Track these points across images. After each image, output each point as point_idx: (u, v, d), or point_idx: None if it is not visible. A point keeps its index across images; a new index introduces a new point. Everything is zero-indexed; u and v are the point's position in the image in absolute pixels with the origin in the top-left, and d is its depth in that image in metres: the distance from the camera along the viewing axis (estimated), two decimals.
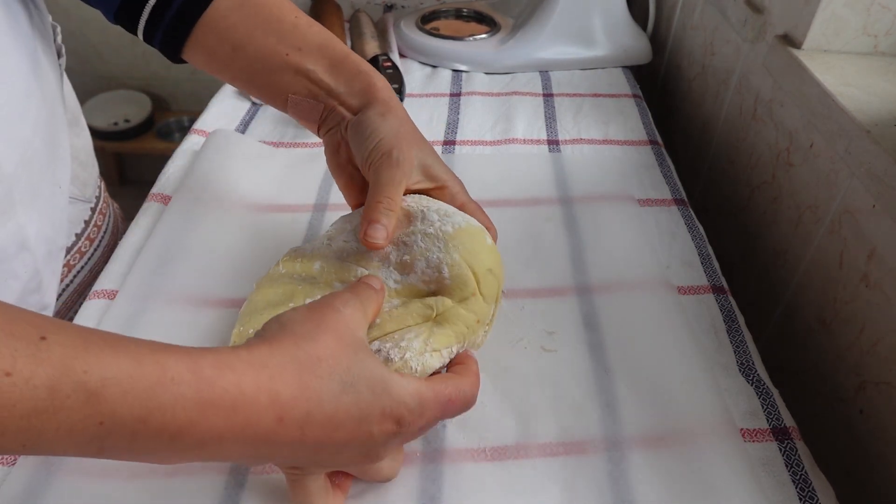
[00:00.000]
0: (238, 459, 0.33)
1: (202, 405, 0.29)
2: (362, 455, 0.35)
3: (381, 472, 0.40)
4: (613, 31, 0.92)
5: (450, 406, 0.37)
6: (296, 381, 0.32)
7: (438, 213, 0.46)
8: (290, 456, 0.33)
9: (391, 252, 0.45)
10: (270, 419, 0.31)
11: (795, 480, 0.42)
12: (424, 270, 0.43)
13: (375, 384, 0.34)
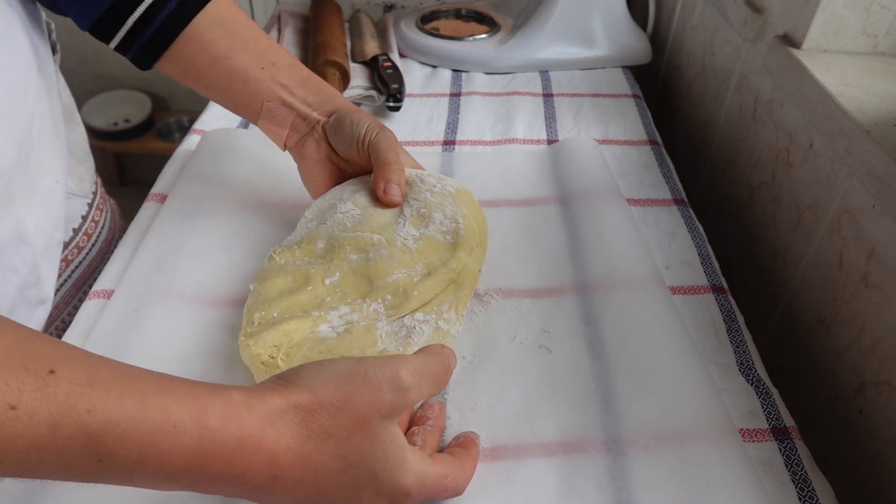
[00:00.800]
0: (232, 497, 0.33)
1: (201, 455, 0.29)
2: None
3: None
4: (613, 31, 0.92)
5: (442, 492, 0.37)
6: (299, 449, 0.32)
7: (433, 178, 0.53)
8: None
9: (405, 209, 0.50)
10: (266, 476, 0.31)
11: (795, 480, 0.42)
12: (443, 221, 0.49)
13: (381, 467, 0.33)
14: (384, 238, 0.49)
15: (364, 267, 0.48)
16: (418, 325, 0.46)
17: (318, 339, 0.44)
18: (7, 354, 0.26)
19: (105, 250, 0.68)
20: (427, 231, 0.49)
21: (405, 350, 0.45)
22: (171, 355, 0.48)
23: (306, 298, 0.46)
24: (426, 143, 0.74)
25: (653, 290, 0.54)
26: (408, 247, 0.49)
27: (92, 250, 0.66)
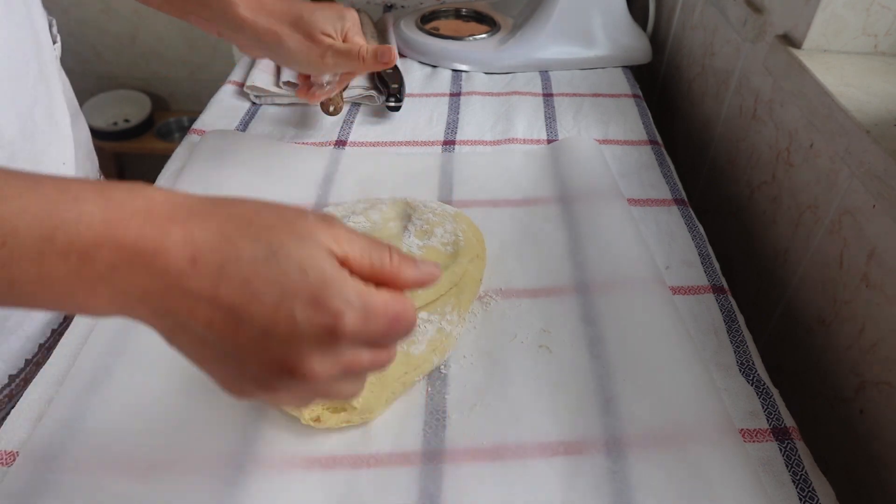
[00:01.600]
0: (152, 307, 0.29)
1: (110, 224, 0.27)
2: (286, 354, 0.29)
3: (334, 388, 0.33)
4: (613, 31, 0.92)
5: (396, 324, 0.31)
6: (217, 229, 0.29)
7: (434, 204, 0.57)
8: (203, 320, 0.29)
9: (409, 227, 0.53)
10: (183, 257, 0.28)
11: (795, 480, 0.42)
12: (443, 235, 0.53)
13: (309, 268, 0.29)
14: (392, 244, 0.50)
15: None
16: (422, 324, 0.46)
17: None
18: None
19: None
20: (430, 242, 0.52)
21: (408, 349, 0.45)
22: (172, 354, 0.47)
23: None
24: (426, 143, 0.74)
25: (653, 290, 0.54)
26: (413, 252, 0.51)
27: None
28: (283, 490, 0.40)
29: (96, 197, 0.28)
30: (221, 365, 0.31)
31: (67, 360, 0.48)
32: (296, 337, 0.29)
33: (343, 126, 0.77)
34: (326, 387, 0.31)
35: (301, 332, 0.29)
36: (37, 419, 0.44)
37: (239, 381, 0.31)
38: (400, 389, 0.45)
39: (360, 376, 0.33)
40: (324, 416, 0.43)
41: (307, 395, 0.32)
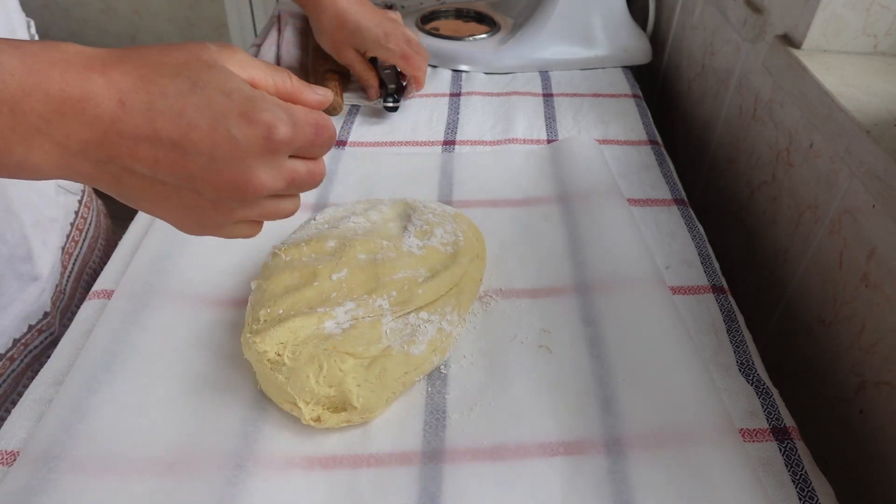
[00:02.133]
0: (93, 158, 0.30)
1: (31, 73, 0.28)
2: (235, 172, 0.31)
3: (280, 206, 0.35)
4: (613, 31, 0.92)
5: (321, 132, 0.34)
6: (135, 72, 0.30)
7: (434, 205, 0.57)
8: (148, 161, 0.30)
9: (409, 226, 0.53)
10: (111, 101, 0.29)
11: (795, 480, 0.42)
12: (443, 235, 0.53)
13: (231, 90, 0.31)
14: (392, 244, 0.51)
15: (372, 265, 0.49)
16: (423, 324, 0.46)
17: (324, 336, 0.44)
18: None
19: (93, 247, 0.68)
20: (430, 242, 0.52)
21: (409, 349, 0.45)
22: (172, 355, 0.48)
23: (312, 294, 0.46)
24: (426, 143, 0.74)
25: (653, 290, 0.54)
26: (413, 253, 0.51)
27: (83, 246, 0.66)
28: (283, 490, 0.40)
29: (13, 50, 0.28)
30: (176, 202, 0.32)
31: (67, 360, 0.48)
32: (239, 153, 0.31)
33: (343, 126, 0.77)
34: (274, 205, 0.35)
35: (243, 148, 0.31)
36: (37, 419, 0.44)
37: (196, 214, 0.33)
38: (400, 389, 0.45)
39: (300, 189, 0.35)
40: (324, 415, 0.43)
41: (258, 212, 0.34)
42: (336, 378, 0.42)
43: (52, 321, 0.59)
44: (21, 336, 0.56)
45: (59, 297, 0.61)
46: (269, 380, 0.43)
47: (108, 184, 0.31)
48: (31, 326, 0.57)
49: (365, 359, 0.43)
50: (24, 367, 0.57)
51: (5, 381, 0.55)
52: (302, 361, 0.42)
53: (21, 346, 0.55)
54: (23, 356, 0.56)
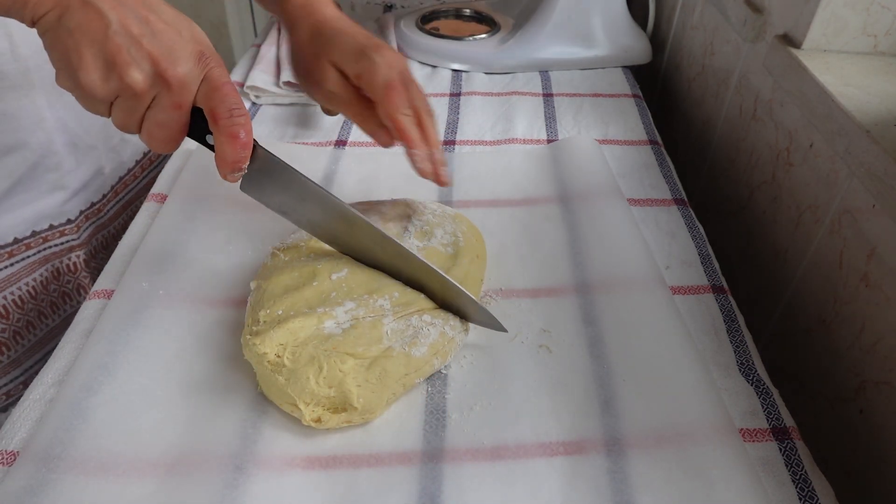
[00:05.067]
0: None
1: None
2: (163, 52, 0.38)
3: (160, 114, 0.41)
4: (613, 31, 0.92)
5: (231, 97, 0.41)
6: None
7: (433, 205, 0.57)
8: (116, 8, 0.38)
9: (409, 227, 0.53)
10: None
11: (795, 480, 0.42)
12: (443, 236, 0.53)
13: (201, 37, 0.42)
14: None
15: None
16: (426, 327, 0.46)
17: (324, 336, 0.44)
18: None
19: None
20: (429, 243, 0.52)
21: (410, 351, 0.45)
22: (171, 355, 0.48)
23: (311, 294, 0.46)
24: None
25: (653, 290, 0.54)
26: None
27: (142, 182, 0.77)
28: (283, 490, 0.40)
29: None
30: (101, 40, 0.38)
31: (67, 360, 0.48)
32: (174, 48, 0.39)
33: (343, 126, 0.77)
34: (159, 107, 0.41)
35: (179, 49, 0.40)
36: (37, 419, 0.44)
37: (107, 58, 0.38)
38: (400, 391, 0.45)
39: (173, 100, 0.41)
40: (324, 416, 0.43)
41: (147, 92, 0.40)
42: (336, 379, 0.42)
43: (78, 230, 0.67)
44: (41, 230, 0.63)
45: (95, 214, 0.69)
46: (269, 381, 0.43)
47: (65, 9, 0.38)
48: (53, 226, 0.64)
49: (365, 359, 0.43)
50: (41, 259, 0.64)
51: (18, 262, 0.62)
52: (302, 362, 0.42)
53: (40, 239, 0.63)
54: (40, 247, 0.64)
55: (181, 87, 0.40)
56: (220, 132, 0.41)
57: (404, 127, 0.50)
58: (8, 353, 0.63)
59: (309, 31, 0.53)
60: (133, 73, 0.38)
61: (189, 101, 0.41)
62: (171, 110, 0.40)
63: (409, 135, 0.50)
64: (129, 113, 0.40)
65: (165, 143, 0.42)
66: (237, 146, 0.41)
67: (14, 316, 0.62)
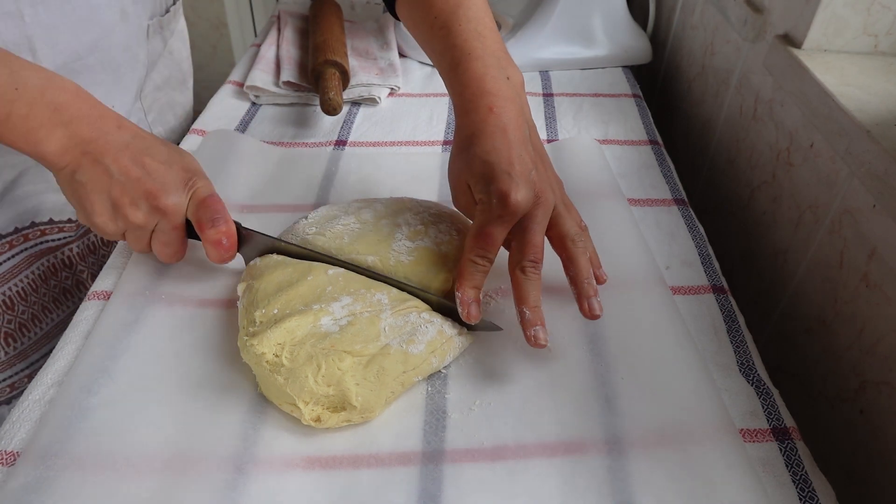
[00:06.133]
0: (92, 156, 0.46)
1: (78, 95, 0.47)
2: (157, 188, 0.47)
3: (158, 238, 0.50)
4: (613, 31, 0.92)
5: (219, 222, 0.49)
6: (135, 128, 0.50)
7: (429, 203, 0.57)
8: (116, 160, 0.47)
9: (403, 226, 0.53)
10: (115, 125, 0.48)
11: (795, 480, 0.42)
12: (437, 235, 0.53)
13: (189, 164, 0.51)
14: (378, 259, 0.51)
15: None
16: (424, 325, 0.46)
17: (321, 334, 0.44)
18: None
19: None
20: (422, 243, 0.52)
21: (407, 349, 0.45)
22: (171, 355, 0.48)
23: (306, 290, 0.46)
24: (426, 143, 0.74)
25: (653, 289, 0.54)
26: (401, 261, 0.50)
27: None
28: (283, 490, 0.40)
29: (69, 83, 0.48)
30: (106, 187, 0.47)
31: (67, 361, 0.48)
32: (166, 185, 0.48)
33: (343, 126, 0.77)
34: (157, 235, 0.50)
35: (170, 184, 0.48)
36: (37, 419, 0.44)
37: (111, 200, 0.47)
38: (399, 389, 0.45)
39: (166, 237, 0.51)
40: (324, 415, 0.42)
41: (144, 223, 0.49)
42: (335, 377, 0.42)
43: (78, 227, 0.67)
44: (40, 223, 0.63)
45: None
46: (268, 381, 0.43)
47: (77, 166, 0.47)
48: (53, 221, 0.64)
49: (363, 357, 0.43)
50: (37, 253, 0.64)
51: (18, 255, 0.62)
52: (300, 361, 0.42)
53: (38, 231, 0.64)
54: (38, 240, 0.64)
55: (174, 212, 0.48)
56: (205, 240, 0.49)
57: (517, 285, 0.47)
58: (14, 345, 0.63)
59: (461, 144, 0.48)
60: (134, 213, 0.47)
61: (182, 221, 0.49)
62: (170, 232, 0.49)
63: (521, 295, 0.46)
64: (138, 240, 0.50)
65: (172, 257, 0.51)
66: (221, 250, 0.50)
67: (19, 308, 0.63)
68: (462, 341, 0.48)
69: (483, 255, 0.46)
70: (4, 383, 0.64)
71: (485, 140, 0.46)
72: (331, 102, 0.73)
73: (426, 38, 0.55)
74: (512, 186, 0.44)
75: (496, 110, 0.47)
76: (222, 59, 2.03)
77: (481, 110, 0.47)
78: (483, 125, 0.47)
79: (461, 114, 0.49)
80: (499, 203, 0.45)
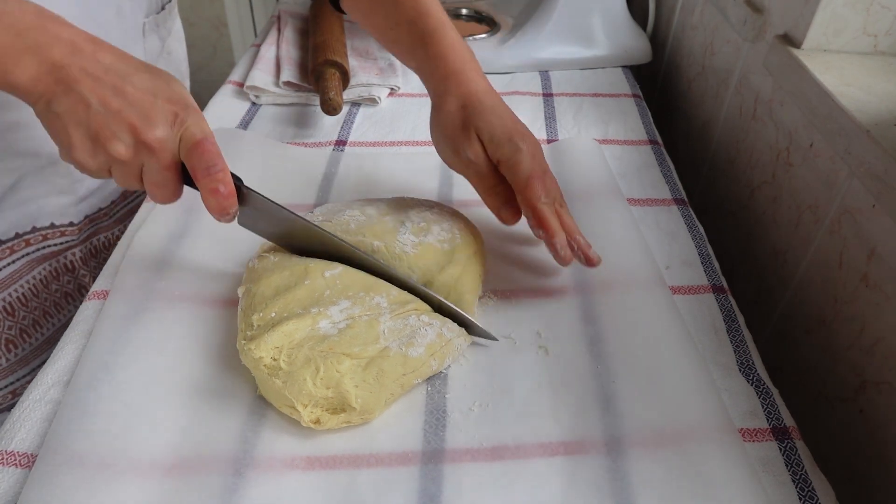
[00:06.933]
0: (57, 76, 0.41)
1: (41, 15, 0.42)
2: (140, 119, 0.42)
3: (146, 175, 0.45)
4: (613, 31, 0.92)
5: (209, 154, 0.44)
6: (117, 52, 0.44)
7: (432, 202, 0.57)
8: (93, 90, 0.41)
9: (406, 222, 0.53)
10: (91, 50, 0.43)
11: (795, 480, 0.42)
12: (440, 233, 0.53)
13: (158, 72, 0.45)
14: (384, 245, 0.51)
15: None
16: (423, 327, 0.46)
17: (320, 337, 0.44)
18: None
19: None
20: (426, 239, 0.52)
21: (407, 351, 0.44)
22: (170, 356, 0.48)
23: (304, 294, 0.46)
24: (426, 142, 0.74)
25: (653, 289, 0.54)
26: (406, 252, 0.50)
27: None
28: (283, 490, 0.40)
29: (29, 4, 0.42)
30: (84, 119, 0.42)
31: (66, 361, 0.48)
32: (150, 115, 0.43)
33: (343, 126, 0.77)
34: (146, 172, 0.45)
35: (156, 114, 0.43)
36: (37, 419, 0.44)
37: (90, 133, 0.42)
38: (399, 391, 0.45)
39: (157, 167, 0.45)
40: (323, 417, 0.42)
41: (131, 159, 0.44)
42: (333, 379, 0.42)
43: (80, 231, 0.67)
44: (41, 227, 0.63)
45: (100, 218, 0.70)
46: (267, 384, 0.43)
47: (52, 95, 0.42)
48: (55, 225, 0.64)
49: (362, 359, 0.43)
50: (39, 258, 0.64)
51: (19, 260, 0.62)
52: (298, 364, 0.42)
53: (39, 236, 0.63)
54: (39, 244, 0.63)
55: (162, 149, 0.43)
56: (201, 188, 0.45)
57: (545, 216, 0.51)
58: (15, 351, 0.63)
59: (459, 101, 0.54)
60: (116, 146, 0.42)
61: (172, 160, 0.44)
62: (160, 172, 0.44)
63: (549, 224, 0.51)
64: (125, 177, 0.45)
65: (165, 199, 0.46)
66: (219, 199, 0.45)
67: (20, 314, 0.62)
68: (461, 344, 0.48)
69: (548, 195, 0.52)
70: (6, 390, 0.63)
71: (491, 104, 0.53)
72: (331, 102, 0.73)
73: (388, 12, 0.59)
74: (534, 140, 0.53)
75: (482, 74, 0.56)
76: (222, 59, 2.03)
77: (474, 75, 0.55)
78: (484, 94, 0.54)
79: (447, 77, 0.55)
80: (532, 155, 0.51)
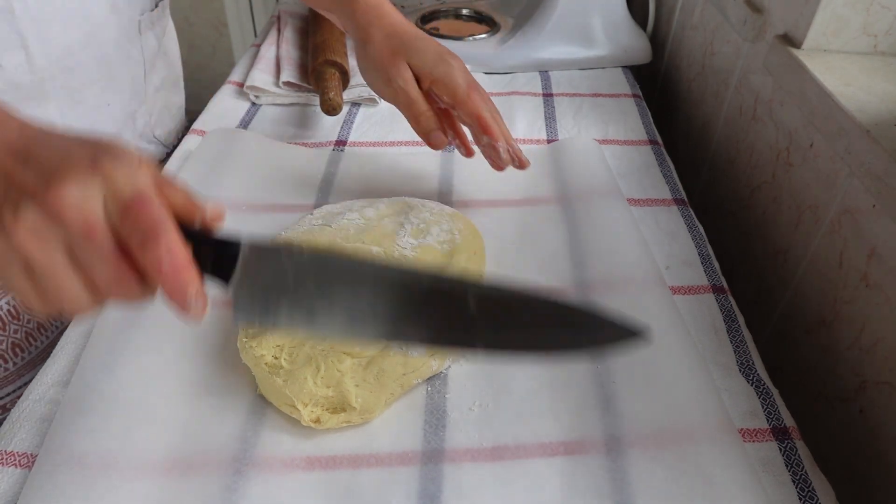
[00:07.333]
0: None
1: None
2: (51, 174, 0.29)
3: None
4: (613, 31, 0.92)
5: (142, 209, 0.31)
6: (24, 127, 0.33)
7: (431, 203, 0.57)
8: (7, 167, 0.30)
9: (405, 224, 0.53)
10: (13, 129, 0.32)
11: (795, 480, 0.42)
12: (439, 234, 0.52)
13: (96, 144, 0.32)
14: (382, 250, 0.50)
15: None
16: None
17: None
18: None
19: None
20: (425, 241, 0.51)
21: (407, 350, 0.45)
22: (170, 355, 0.48)
23: None
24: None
25: (653, 289, 0.54)
26: (405, 255, 0.50)
27: None
28: (283, 490, 0.40)
29: None
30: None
31: (66, 361, 0.48)
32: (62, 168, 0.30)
33: (343, 126, 0.77)
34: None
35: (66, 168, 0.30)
36: (37, 419, 0.44)
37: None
38: (399, 391, 0.45)
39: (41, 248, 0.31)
40: (323, 416, 0.43)
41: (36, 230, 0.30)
42: (334, 378, 0.42)
43: None
44: None
45: None
46: (267, 383, 0.43)
47: None
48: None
49: (363, 358, 0.43)
50: None
51: None
52: (299, 363, 0.42)
53: None
54: None
55: (76, 211, 0.29)
56: (147, 273, 0.30)
57: (489, 123, 0.56)
58: (21, 355, 0.62)
59: (384, 33, 0.58)
60: (14, 218, 0.29)
61: (99, 226, 0.29)
62: (89, 252, 0.29)
63: (493, 129, 0.56)
64: (50, 277, 0.30)
65: (120, 290, 0.31)
66: (166, 281, 0.30)
67: (24, 317, 0.62)
68: None
69: (486, 104, 0.57)
70: (14, 394, 0.63)
71: (415, 33, 0.58)
72: (331, 102, 0.73)
73: None
74: (461, 59, 0.58)
75: (396, 10, 0.60)
76: (222, 59, 2.03)
77: (391, 9, 0.59)
78: (406, 25, 0.59)
79: (368, 11, 0.59)
80: (463, 70, 0.57)
